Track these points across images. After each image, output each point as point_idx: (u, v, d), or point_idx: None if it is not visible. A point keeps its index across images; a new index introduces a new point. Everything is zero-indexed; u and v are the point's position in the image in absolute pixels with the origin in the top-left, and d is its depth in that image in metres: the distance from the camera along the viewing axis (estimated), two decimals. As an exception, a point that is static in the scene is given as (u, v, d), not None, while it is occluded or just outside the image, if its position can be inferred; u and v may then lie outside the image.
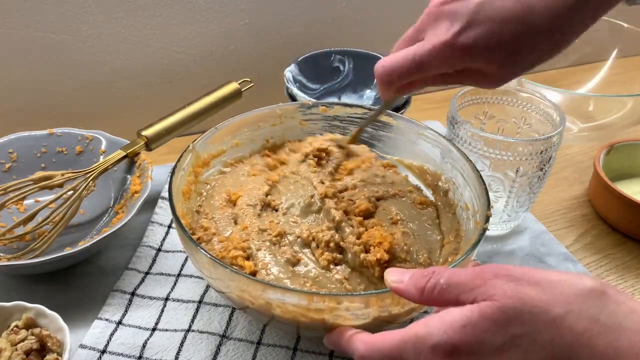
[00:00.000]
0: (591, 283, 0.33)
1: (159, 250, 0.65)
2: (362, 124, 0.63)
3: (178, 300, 0.59)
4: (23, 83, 0.81)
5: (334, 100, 0.87)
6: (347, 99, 0.88)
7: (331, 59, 0.87)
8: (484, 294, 0.34)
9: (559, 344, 0.32)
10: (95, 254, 0.64)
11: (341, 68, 0.88)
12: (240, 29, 0.88)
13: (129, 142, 0.69)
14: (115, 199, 0.69)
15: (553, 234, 0.71)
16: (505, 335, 0.33)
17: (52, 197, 0.62)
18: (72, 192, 0.62)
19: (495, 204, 0.65)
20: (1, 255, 0.61)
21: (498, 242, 0.69)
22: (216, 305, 0.58)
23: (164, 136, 0.69)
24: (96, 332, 0.55)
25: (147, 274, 0.62)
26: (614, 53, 0.96)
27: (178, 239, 0.64)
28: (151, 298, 0.59)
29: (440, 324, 0.34)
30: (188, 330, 0.56)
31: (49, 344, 0.50)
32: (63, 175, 0.63)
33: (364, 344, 0.39)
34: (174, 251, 0.65)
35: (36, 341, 0.50)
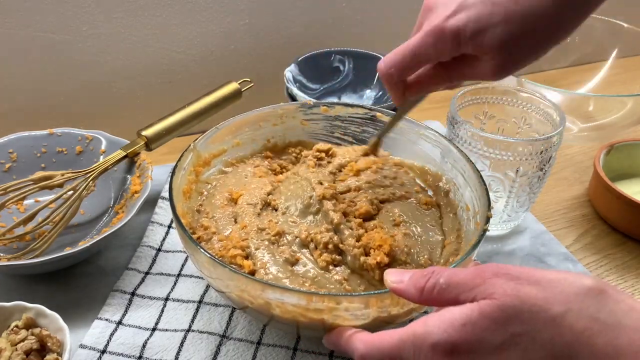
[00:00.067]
0: (590, 282, 0.33)
1: (159, 250, 0.65)
2: (380, 133, 0.61)
3: (178, 300, 0.59)
4: (23, 83, 0.81)
5: (334, 100, 0.87)
6: (347, 99, 0.88)
7: (331, 59, 0.87)
8: (483, 293, 0.34)
9: (558, 342, 0.32)
10: (95, 254, 0.64)
11: (341, 68, 0.88)
12: (240, 29, 0.88)
13: (129, 142, 0.69)
14: (115, 199, 0.69)
15: (553, 234, 0.71)
16: (505, 334, 0.33)
17: (52, 197, 0.62)
18: (72, 192, 0.62)
19: (495, 204, 0.65)
20: (1, 255, 0.61)
21: (498, 242, 0.69)
22: (216, 305, 0.58)
23: (164, 136, 0.69)
24: (96, 332, 0.55)
25: (147, 274, 0.62)
26: (614, 53, 0.96)
27: (178, 238, 0.64)
28: (151, 298, 0.59)
29: (440, 322, 0.34)
30: (188, 330, 0.56)
31: (49, 344, 0.50)
32: (63, 175, 0.63)
33: (364, 343, 0.39)
34: (174, 251, 0.65)
35: (36, 341, 0.50)
